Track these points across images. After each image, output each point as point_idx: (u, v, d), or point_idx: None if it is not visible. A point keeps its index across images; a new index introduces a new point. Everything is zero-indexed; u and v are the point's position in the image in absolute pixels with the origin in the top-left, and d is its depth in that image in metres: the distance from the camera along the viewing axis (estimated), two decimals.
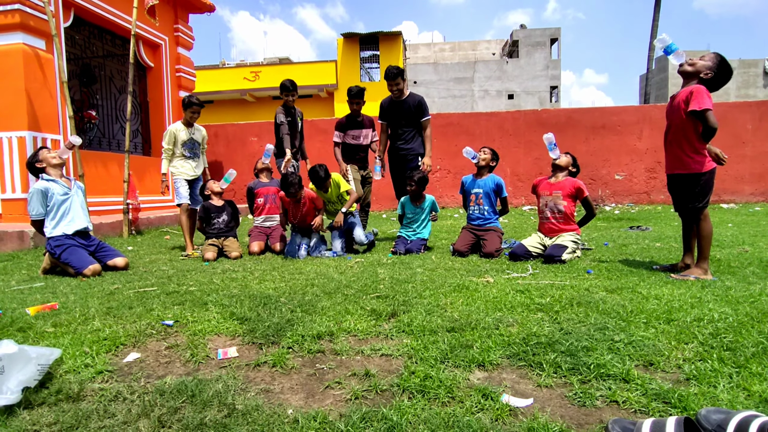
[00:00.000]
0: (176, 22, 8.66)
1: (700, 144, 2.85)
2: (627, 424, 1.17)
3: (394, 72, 4.63)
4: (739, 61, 32.03)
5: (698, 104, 2.73)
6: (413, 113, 4.74)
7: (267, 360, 1.73)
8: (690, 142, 2.87)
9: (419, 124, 4.79)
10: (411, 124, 4.78)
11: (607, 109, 9.81)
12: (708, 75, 2.83)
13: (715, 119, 2.72)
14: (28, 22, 5.57)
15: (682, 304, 2.20)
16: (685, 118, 2.84)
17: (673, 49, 2.91)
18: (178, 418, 1.31)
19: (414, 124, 4.78)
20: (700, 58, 2.89)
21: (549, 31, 32.46)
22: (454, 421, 1.26)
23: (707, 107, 2.71)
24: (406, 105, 4.75)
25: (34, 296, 2.77)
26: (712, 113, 2.71)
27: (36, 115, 5.63)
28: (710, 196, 2.89)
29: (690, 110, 2.77)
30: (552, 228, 3.81)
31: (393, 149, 4.89)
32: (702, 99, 2.73)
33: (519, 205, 9.69)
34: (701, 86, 2.79)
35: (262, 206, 4.78)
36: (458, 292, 2.59)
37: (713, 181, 2.89)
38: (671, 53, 2.92)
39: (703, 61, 2.86)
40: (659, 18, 16.88)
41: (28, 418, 1.35)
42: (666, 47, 2.93)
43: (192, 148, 4.77)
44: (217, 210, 4.54)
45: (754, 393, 1.37)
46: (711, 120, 2.72)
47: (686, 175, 2.91)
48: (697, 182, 2.87)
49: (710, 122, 2.72)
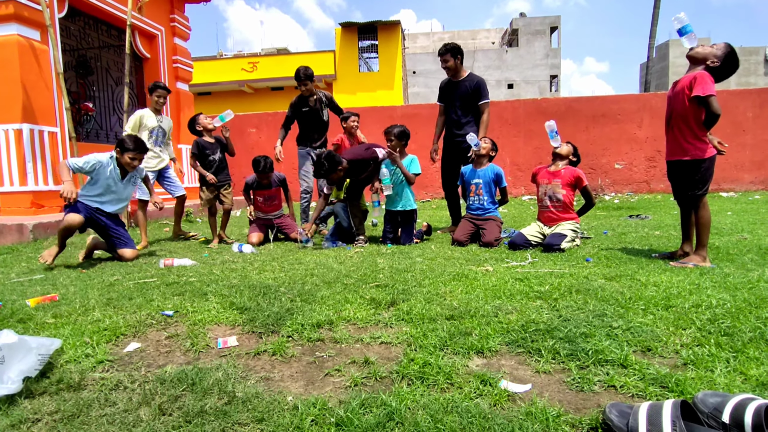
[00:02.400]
0: (172, 12, 8.57)
1: (701, 131, 2.83)
2: (624, 407, 1.18)
3: (442, 49, 4.39)
4: (740, 49, 31.79)
5: (702, 90, 2.71)
6: (470, 96, 4.40)
7: (267, 348, 1.74)
8: (691, 128, 2.85)
9: (477, 109, 4.44)
10: (467, 108, 4.45)
11: (608, 97, 9.75)
12: (715, 63, 2.81)
13: (718, 105, 2.70)
14: (23, 12, 5.51)
15: (681, 291, 2.21)
16: (688, 104, 2.82)
17: (687, 31, 2.87)
18: (178, 406, 1.32)
19: (471, 109, 4.45)
20: (711, 46, 2.87)
21: (549, 19, 32.20)
22: (452, 406, 1.27)
23: (711, 93, 2.70)
24: (463, 87, 4.42)
25: (34, 288, 2.78)
26: (716, 99, 2.70)
27: (32, 107, 5.59)
28: (710, 183, 2.89)
29: (694, 95, 2.75)
30: (551, 217, 3.81)
31: (448, 135, 4.59)
32: (706, 84, 2.71)
33: (519, 194, 9.68)
34: (705, 72, 2.77)
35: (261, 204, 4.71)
36: (457, 281, 2.59)
37: (713, 168, 2.88)
38: (685, 35, 2.89)
39: (712, 49, 2.84)
40: (660, 5, 16.71)
41: (30, 407, 1.36)
42: (682, 27, 2.89)
43: (159, 137, 4.69)
44: (210, 146, 4.52)
45: (751, 377, 1.38)
46: (714, 106, 2.70)
47: (687, 162, 2.90)
48: (698, 169, 2.86)
49: (713, 108, 2.71)
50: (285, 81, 19.90)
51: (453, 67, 4.44)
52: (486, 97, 4.44)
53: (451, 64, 4.42)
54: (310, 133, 5.02)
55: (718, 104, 2.70)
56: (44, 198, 5.68)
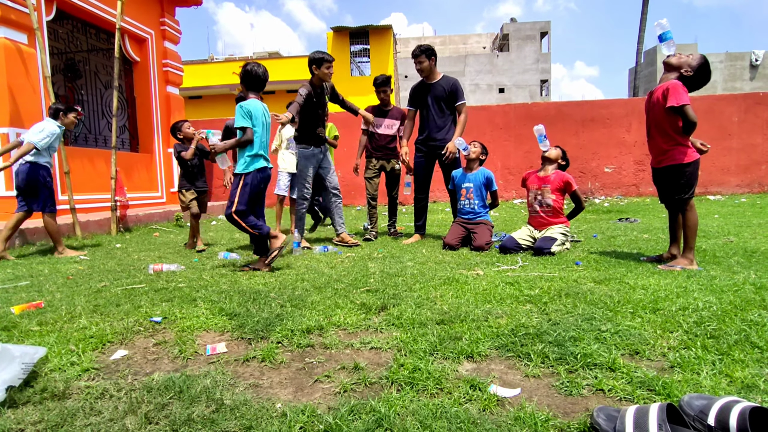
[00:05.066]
0: (162, 15, 8.53)
1: (681, 137, 2.89)
2: (612, 411, 1.18)
3: (417, 50, 4.32)
4: (726, 54, 32.39)
5: (676, 100, 2.78)
6: (447, 98, 4.32)
7: (256, 355, 1.73)
8: (670, 135, 2.92)
9: (453, 110, 4.36)
10: (444, 110, 4.35)
11: (597, 102, 9.87)
12: (688, 73, 2.88)
13: (694, 113, 2.77)
14: (9, 15, 5.46)
15: (668, 294, 2.23)
16: (664, 114, 2.88)
17: (667, 38, 2.95)
18: (165, 414, 1.31)
19: (447, 111, 4.36)
20: (688, 55, 2.93)
21: (539, 24, 32.56)
22: (442, 411, 1.27)
23: (684, 102, 2.77)
24: (438, 88, 4.34)
25: (19, 295, 2.73)
26: (690, 107, 2.77)
27: (19, 111, 5.53)
28: (695, 186, 2.93)
29: (668, 106, 2.82)
30: (541, 221, 3.84)
31: (423, 139, 4.45)
32: (678, 95, 2.78)
33: (509, 198, 9.74)
34: (677, 82, 2.84)
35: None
36: (448, 285, 2.60)
37: (698, 171, 2.93)
38: (664, 41, 2.96)
39: (687, 59, 2.90)
40: (648, 11, 16.98)
41: (13, 417, 1.33)
42: (663, 33, 2.97)
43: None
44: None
45: (737, 379, 1.40)
46: (690, 114, 2.77)
47: (670, 167, 2.94)
48: (682, 173, 2.90)
49: (689, 117, 2.77)
50: (276, 85, 19.86)
51: (427, 68, 4.34)
52: (463, 97, 4.37)
53: (425, 65, 4.33)
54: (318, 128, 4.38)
55: (693, 112, 2.77)
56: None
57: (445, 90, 4.33)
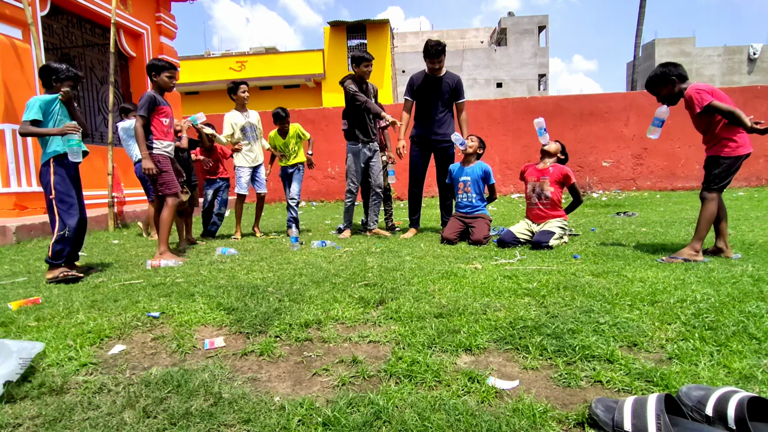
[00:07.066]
0: (158, 10, 8.47)
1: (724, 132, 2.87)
2: (610, 402, 1.18)
3: (439, 49, 4.14)
4: (724, 48, 32.37)
5: (699, 105, 2.82)
6: (451, 93, 4.31)
7: (254, 349, 1.73)
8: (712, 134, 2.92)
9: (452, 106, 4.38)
10: (447, 106, 4.34)
11: (595, 96, 9.85)
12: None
13: (723, 103, 2.78)
14: (4, 10, 5.41)
15: (666, 286, 2.24)
16: (699, 120, 2.94)
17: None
18: (163, 408, 1.30)
19: (449, 106, 4.36)
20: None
21: (537, 18, 32.44)
22: (440, 404, 1.27)
23: (707, 102, 2.79)
24: (445, 83, 4.28)
25: (17, 291, 2.72)
26: (716, 102, 2.77)
27: (14, 107, 5.49)
28: (727, 182, 2.91)
29: (697, 114, 2.86)
30: (539, 214, 3.84)
31: (422, 134, 4.41)
32: (699, 99, 2.82)
33: (508, 192, 9.74)
34: (689, 91, 2.87)
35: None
36: (446, 279, 2.60)
37: (736, 168, 2.88)
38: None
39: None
40: (646, 5, 16.92)
41: (11, 411, 1.33)
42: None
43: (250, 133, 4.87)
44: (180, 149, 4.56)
45: (734, 370, 1.40)
46: (720, 107, 2.77)
47: (709, 157, 2.96)
48: (718, 164, 2.89)
49: (722, 110, 2.78)
50: (273, 80, 19.78)
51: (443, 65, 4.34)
52: (464, 95, 4.43)
53: (443, 63, 4.32)
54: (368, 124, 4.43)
55: (722, 104, 2.77)
56: (27, 199, 5.57)
57: (450, 86, 4.33)
